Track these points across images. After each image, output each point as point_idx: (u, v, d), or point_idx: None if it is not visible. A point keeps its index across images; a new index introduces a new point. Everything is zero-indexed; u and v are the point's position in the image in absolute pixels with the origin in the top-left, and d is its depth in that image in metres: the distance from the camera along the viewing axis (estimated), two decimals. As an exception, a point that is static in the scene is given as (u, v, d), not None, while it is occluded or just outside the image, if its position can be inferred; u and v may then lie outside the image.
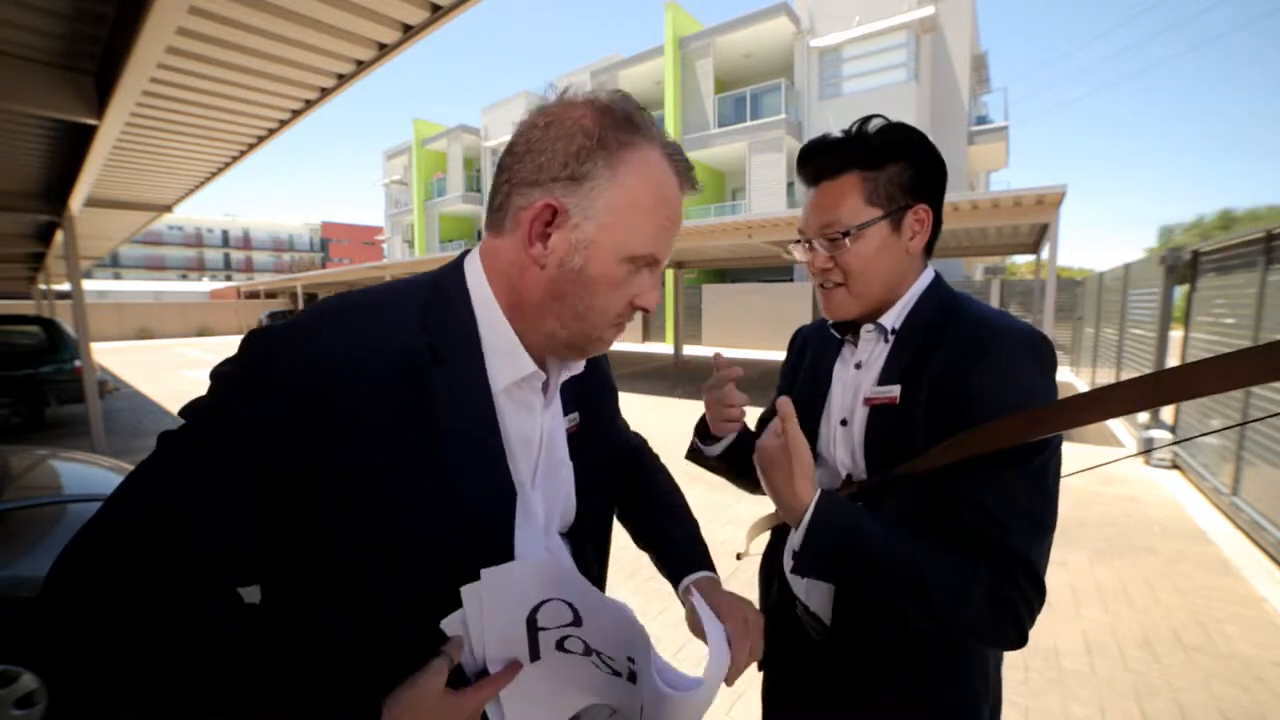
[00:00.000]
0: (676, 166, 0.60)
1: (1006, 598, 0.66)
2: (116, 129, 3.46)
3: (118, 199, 6.27)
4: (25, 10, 2.54)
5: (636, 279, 0.61)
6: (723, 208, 19.51)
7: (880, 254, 0.80)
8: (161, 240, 54.84)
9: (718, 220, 8.34)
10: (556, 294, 0.60)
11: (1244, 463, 3.79)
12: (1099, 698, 2.16)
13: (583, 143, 0.56)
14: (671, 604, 2.85)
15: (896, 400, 0.78)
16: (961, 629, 0.69)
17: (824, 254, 0.82)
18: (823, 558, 0.71)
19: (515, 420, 0.63)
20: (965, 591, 0.66)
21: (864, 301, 0.83)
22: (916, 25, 15.77)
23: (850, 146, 0.79)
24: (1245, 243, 4.01)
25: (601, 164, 0.56)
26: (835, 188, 0.80)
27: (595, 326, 0.62)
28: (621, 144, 0.57)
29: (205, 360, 16.22)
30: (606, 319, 0.62)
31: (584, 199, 0.57)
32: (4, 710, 1.76)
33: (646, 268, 0.62)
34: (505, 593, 0.55)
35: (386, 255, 36.20)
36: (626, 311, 0.63)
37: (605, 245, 0.58)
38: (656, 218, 0.59)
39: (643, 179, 0.58)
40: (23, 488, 2.25)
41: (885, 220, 0.79)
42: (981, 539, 0.69)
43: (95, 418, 5.81)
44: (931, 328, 0.80)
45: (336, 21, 2.75)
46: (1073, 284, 13.63)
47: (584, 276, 0.58)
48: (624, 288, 0.61)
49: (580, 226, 0.57)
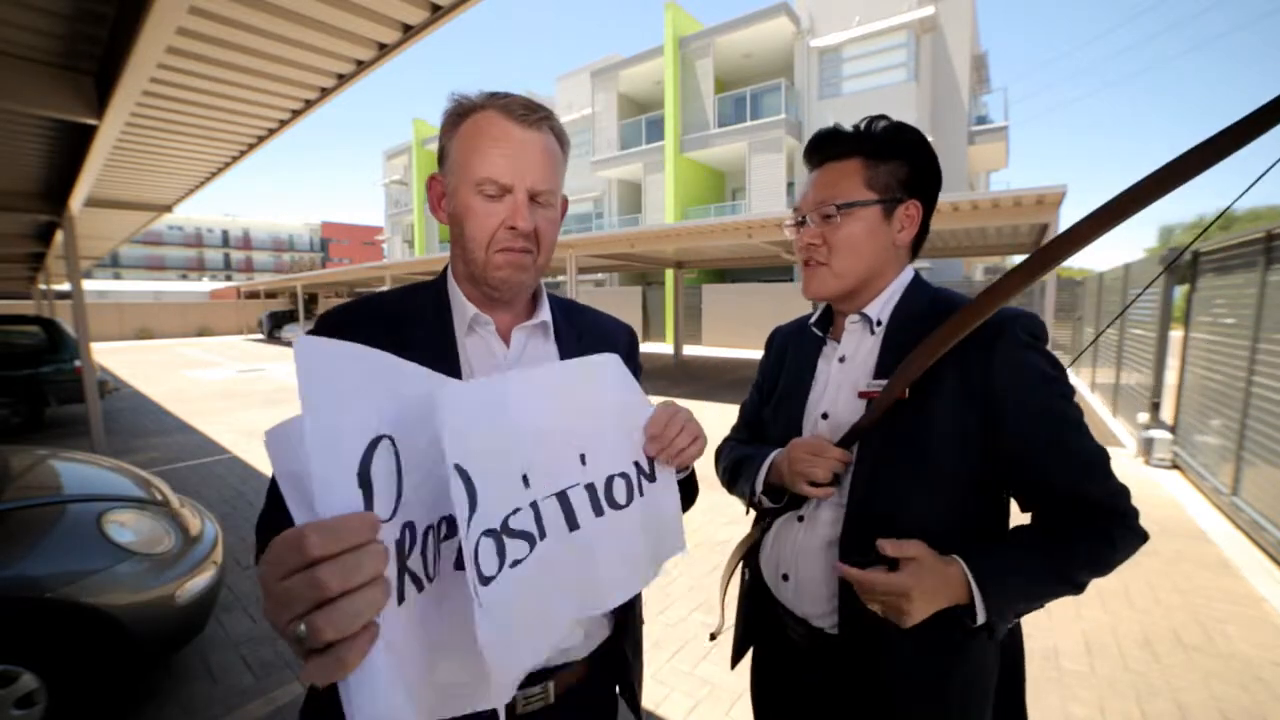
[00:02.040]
0: (502, 108, 0.72)
1: (1115, 538, 0.74)
2: (116, 129, 3.46)
3: (118, 199, 6.27)
4: (25, 10, 2.54)
5: (499, 205, 0.73)
6: (723, 208, 19.51)
7: (868, 237, 0.84)
8: (161, 240, 54.83)
9: (718, 220, 8.33)
10: (453, 239, 0.77)
11: (1244, 463, 3.79)
12: (1099, 698, 2.16)
13: (442, 131, 0.76)
14: (672, 603, 2.85)
15: (906, 395, 0.79)
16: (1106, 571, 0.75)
17: (815, 229, 0.86)
18: (1007, 611, 0.74)
19: (476, 357, 0.79)
20: (1099, 559, 0.74)
21: (844, 282, 0.86)
22: (916, 25, 15.77)
23: (858, 136, 0.85)
24: (1245, 243, 4.01)
25: (448, 136, 0.74)
26: (838, 168, 0.85)
27: (478, 254, 0.74)
28: (458, 118, 0.73)
29: (205, 360, 16.22)
30: (480, 244, 0.74)
31: (447, 163, 0.75)
32: (4, 710, 1.76)
33: (504, 194, 0.72)
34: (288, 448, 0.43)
35: (386, 255, 36.21)
36: (502, 235, 0.73)
37: (459, 185, 0.73)
38: (481, 146, 0.71)
39: (470, 127, 0.72)
40: (23, 488, 2.25)
41: (879, 205, 0.84)
42: (1072, 504, 0.75)
43: (95, 418, 5.81)
44: (924, 318, 0.82)
45: (336, 21, 2.75)
46: (1073, 284, 13.63)
47: (456, 216, 0.74)
48: (488, 215, 0.72)
49: (448, 182, 0.75)
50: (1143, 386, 6.03)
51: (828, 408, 0.90)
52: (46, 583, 1.83)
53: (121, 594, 1.94)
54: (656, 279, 20.40)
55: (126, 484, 2.48)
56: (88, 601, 1.87)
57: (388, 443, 0.47)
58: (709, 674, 2.31)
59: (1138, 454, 5.48)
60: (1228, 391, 4.10)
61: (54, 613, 1.84)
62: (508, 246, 0.73)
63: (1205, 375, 4.63)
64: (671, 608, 2.82)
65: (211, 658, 2.45)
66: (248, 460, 5.69)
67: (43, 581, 1.83)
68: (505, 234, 0.73)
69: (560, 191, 0.79)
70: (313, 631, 0.38)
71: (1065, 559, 0.74)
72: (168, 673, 2.34)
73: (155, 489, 2.54)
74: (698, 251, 11.14)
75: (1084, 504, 0.75)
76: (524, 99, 0.74)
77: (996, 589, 0.72)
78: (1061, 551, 0.74)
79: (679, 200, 18.86)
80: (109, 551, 2.00)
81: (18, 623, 1.81)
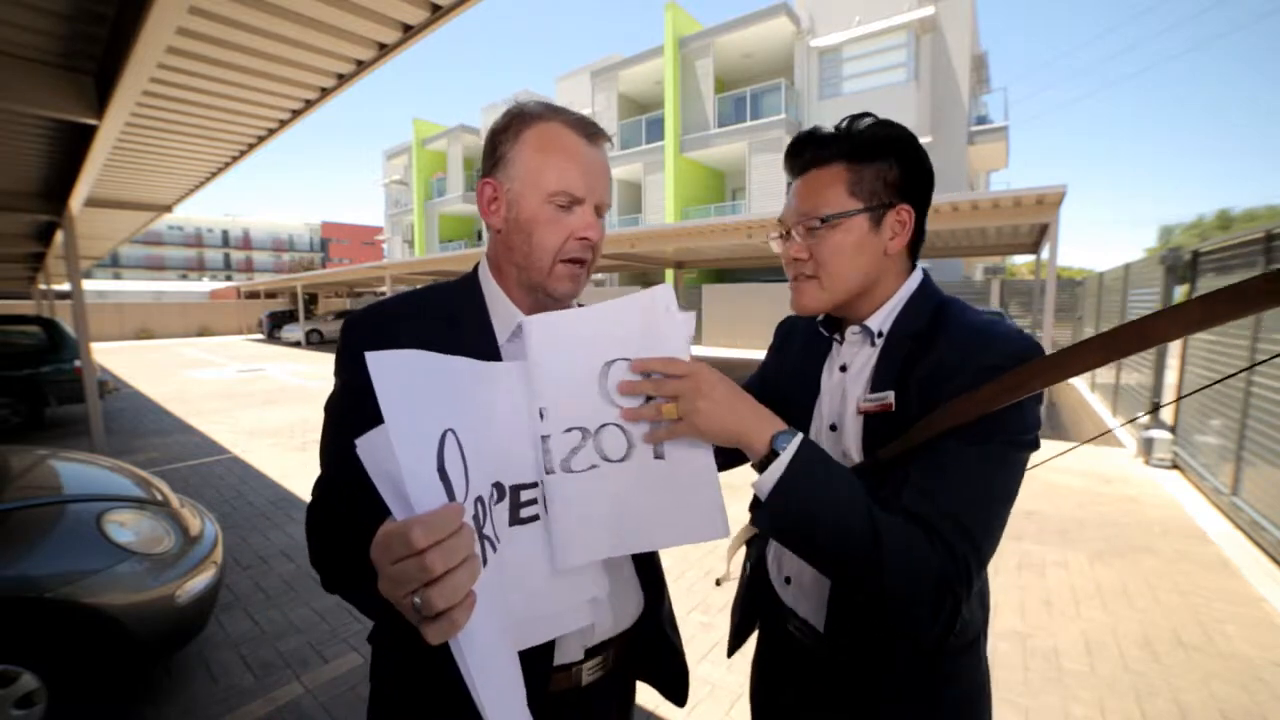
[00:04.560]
0: (571, 124, 0.75)
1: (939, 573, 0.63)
2: (116, 129, 3.46)
3: (118, 199, 6.27)
4: (25, 10, 2.54)
5: (569, 217, 0.75)
6: (723, 208, 19.50)
7: (856, 250, 0.78)
8: (161, 240, 54.81)
9: (718, 220, 8.33)
10: (509, 244, 0.77)
11: (1244, 463, 3.79)
12: (1099, 698, 2.16)
13: (498, 136, 0.76)
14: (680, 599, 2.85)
15: (892, 407, 0.76)
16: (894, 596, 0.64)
17: (799, 243, 0.81)
18: (791, 510, 0.65)
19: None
20: (914, 555, 0.63)
21: (834, 296, 0.81)
22: (916, 25, 15.77)
23: (839, 139, 0.79)
24: (1245, 243, 4.01)
25: (510, 143, 0.75)
26: (820, 177, 0.80)
27: (542, 262, 0.75)
28: (522, 126, 0.75)
29: (205, 360, 16.21)
30: (549, 253, 0.75)
31: (507, 170, 0.75)
32: (4, 710, 1.76)
33: (574, 205, 0.75)
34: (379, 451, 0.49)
35: (386, 255, 36.20)
36: (572, 246, 0.75)
37: (527, 193, 0.74)
38: (558, 160, 0.73)
39: (540, 138, 0.74)
40: (23, 488, 2.25)
41: (865, 214, 0.78)
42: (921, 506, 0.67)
43: (95, 418, 5.82)
44: (921, 337, 0.78)
45: (336, 21, 2.75)
46: (1073, 284, 13.63)
47: (520, 222, 0.75)
48: (558, 224, 0.74)
49: (510, 189, 0.75)
50: (1143, 386, 6.03)
51: (834, 420, 0.86)
52: (46, 583, 1.83)
53: (121, 594, 1.94)
54: (656, 279, 20.40)
55: (126, 484, 2.48)
56: (88, 601, 1.87)
57: (451, 435, 0.55)
58: (709, 674, 2.31)
59: (1138, 454, 5.48)
60: (1228, 391, 4.10)
61: (54, 613, 1.84)
62: (576, 258, 0.76)
63: (1205, 375, 4.63)
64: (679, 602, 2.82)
65: (211, 658, 2.45)
66: (248, 460, 5.68)
67: (43, 581, 1.83)
68: (575, 244, 0.75)
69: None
70: (426, 604, 0.47)
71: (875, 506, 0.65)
72: (168, 673, 2.34)
73: (155, 489, 2.54)
74: (698, 251, 11.14)
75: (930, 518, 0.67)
76: (586, 117, 0.77)
77: (805, 464, 0.65)
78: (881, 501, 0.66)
79: (679, 200, 18.85)
80: (109, 551, 2.00)
81: (18, 623, 1.81)
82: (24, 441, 6.21)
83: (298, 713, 2.12)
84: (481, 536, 0.57)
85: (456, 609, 0.48)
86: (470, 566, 0.50)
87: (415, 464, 0.49)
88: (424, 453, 0.51)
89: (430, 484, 0.50)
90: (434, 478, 0.51)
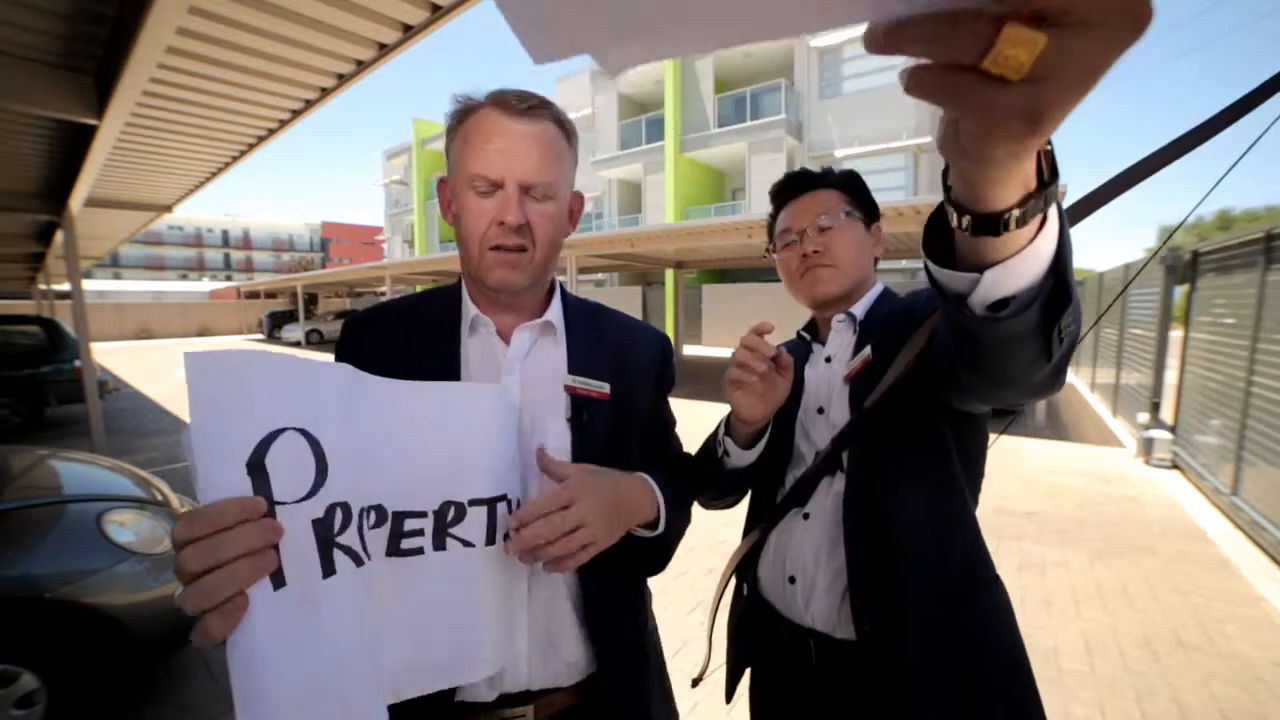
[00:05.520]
0: (497, 102, 0.72)
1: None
2: (116, 129, 3.46)
3: (118, 199, 6.28)
4: (25, 10, 2.55)
5: (490, 201, 0.72)
6: (723, 208, 19.50)
7: (860, 246, 0.96)
8: (161, 240, 54.82)
9: (718, 220, 8.33)
10: (457, 240, 0.77)
11: (1244, 463, 3.79)
12: (1099, 698, 2.16)
13: (448, 133, 0.76)
14: (672, 603, 2.85)
15: (870, 358, 0.87)
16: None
17: (815, 238, 0.94)
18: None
19: (476, 357, 0.79)
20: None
21: (850, 279, 0.95)
22: (916, 25, 15.75)
23: (827, 176, 0.99)
24: (1245, 243, 4.01)
25: (451, 139, 0.75)
26: (822, 195, 0.97)
27: (473, 253, 0.74)
28: (461, 121, 0.73)
29: (205, 360, 16.17)
30: (475, 243, 0.73)
31: (451, 167, 0.76)
32: (4, 710, 1.76)
33: (495, 190, 0.71)
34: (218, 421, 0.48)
35: (386, 255, 36.20)
36: (494, 233, 0.72)
37: (457, 185, 0.74)
38: (474, 144, 0.71)
39: (469, 127, 0.72)
40: (23, 488, 2.25)
41: (862, 223, 0.97)
42: None
43: (95, 418, 5.82)
44: (895, 313, 0.91)
45: (336, 21, 2.75)
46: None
47: (456, 216, 0.75)
48: (479, 212, 0.72)
49: (452, 185, 0.76)
50: (1143, 386, 6.03)
51: (822, 403, 0.95)
52: (46, 583, 1.83)
53: (121, 594, 1.94)
54: (656, 279, 20.39)
55: (126, 484, 2.48)
56: (88, 601, 1.87)
57: (294, 434, 0.51)
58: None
59: (1138, 454, 5.48)
60: (1228, 391, 4.10)
61: (54, 613, 1.84)
62: (499, 244, 0.72)
63: (1205, 375, 4.63)
64: (671, 607, 2.82)
65: (211, 658, 2.45)
66: (248, 460, 5.68)
67: (43, 581, 1.83)
68: (496, 231, 0.71)
69: (563, 184, 0.75)
70: (181, 604, 0.43)
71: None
72: (168, 673, 2.34)
73: (155, 489, 2.54)
74: (698, 251, 11.14)
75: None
76: (521, 91, 0.73)
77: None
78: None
79: (679, 200, 18.85)
80: (109, 551, 2.00)
81: (18, 623, 1.81)
82: (24, 441, 6.21)
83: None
84: (332, 543, 0.53)
85: (211, 613, 0.43)
86: (239, 568, 0.45)
87: (209, 459, 0.47)
88: (229, 448, 0.48)
89: (229, 479, 0.47)
90: (238, 472, 0.48)
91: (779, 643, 0.94)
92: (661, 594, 2.93)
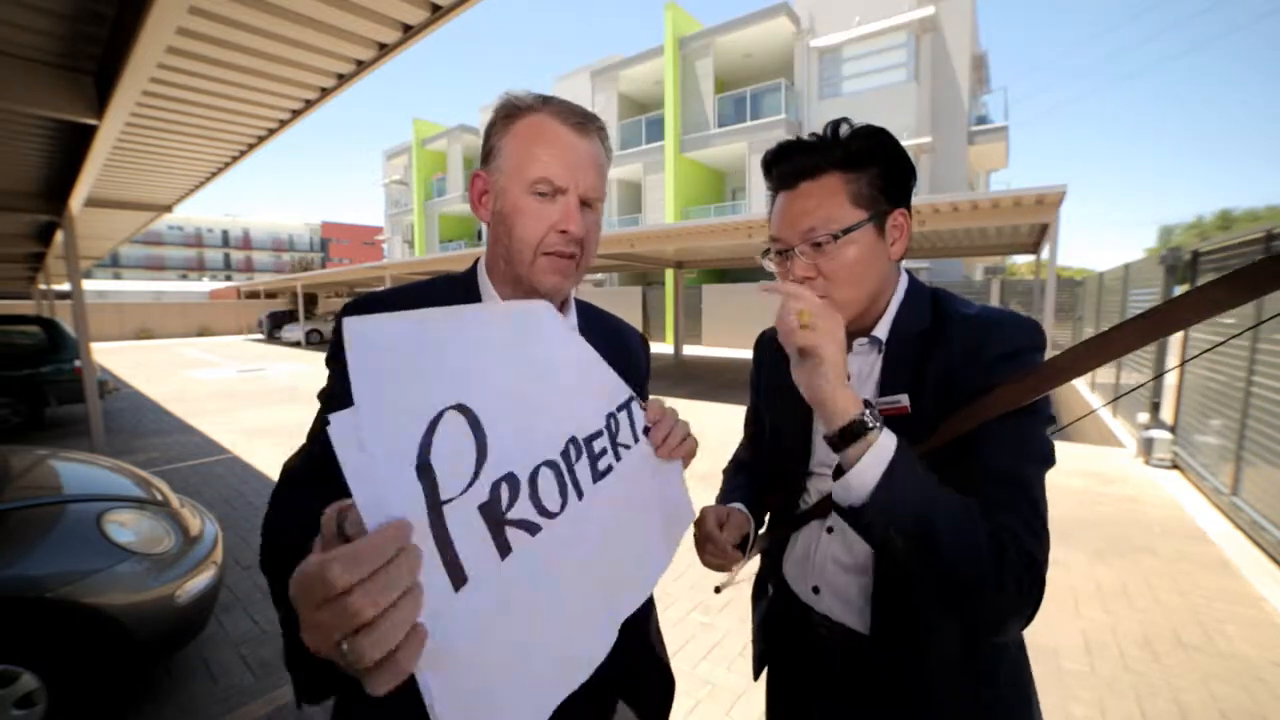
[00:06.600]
0: (559, 113, 0.73)
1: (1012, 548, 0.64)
2: (116, 129, 3.46)
3: (118, 199, 6.28)
4: (25, 10, 2.54)
5: (550, 207, 0.72)
6: (723, 208, 19.50)
7: (867, 262, 0.76)
8: (161, 240, 54.79)
9: (718, 220, 8.33)
10: (495, 238, 0.77)
11: (1244, 463, 3.79)
12: (1099, 698, 2.16)
13: (491, 128, 0.76)
14: (673, 603, 2.85)
15: (908, 410, 0.76)
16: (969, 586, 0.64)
17: (806, 261, 0.76)
18: (896, 510, 0.64)
19: None
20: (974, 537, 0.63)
21: (849, 313, 0.77)
22: (916, 25, 15.76)
23: (829, 146, 0.76)
24: (1245, 243, 4.01)
25: (499, 136, 0.74)
26: (816, 190, 0.76)
27: (525, 255, 0.73)
28: (510, 118, 0.74)
29: (205, 360, 16.21)
30: (529, 246, 0.73)
31: (496, 163, 0.75)
32: (4, 710, 1.76)
33: (556, 194, 0.72)
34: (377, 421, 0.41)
35: (386, 255, 36.19)
36: (553, 239, 0.73)
37: (510, 184, 0.73)
38: (541, 149, 0.72)
39: (525, 129, 0.73)
40: (23, 488, 2.25)
41: (871, 224, 0.75)
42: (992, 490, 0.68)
43: (95, 418, 5.82)
44: (925, 336, 0.78)
45: (336, 21, 2.75)
46: (1073, 284, 13.63)
47: (504, 214, 0.74)
48: (538, 216, 0.72)
49: (496, 180, 0.75)
50: (1142, 387, 6.03)
51: None
52: (46, 583, 1.83)
53: (121, 594, 1.94)
54: (656, 279, 20.40)
55: (126, 484, 2.48)
56: (88, 601, 1.87)
57: (453, 414, 0.46)
58: (709, 674, 2.31)
59: (1138, 454, 5.48)
60: (1227, 391, 4.10)
61: (54, 613, 1.84)
62: (556, 251, 0.73)
63: (1205, 375, 4.63)
64: (672, 607, 2.82)
65: (211, 658, 2.45)
66: (248, 460, 5.68)
67: (43, 581, 1.83)
68: (555, 238, 0.72)
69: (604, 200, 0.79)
70: (357, 655, 0.37)
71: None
72: (168, 673, 2.34)
73: (155, 489, 2.54)
74: (698, 251, 11.14)
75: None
76: (578, 106, 0.75)
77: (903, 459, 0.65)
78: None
79: (679, 200, 18.85)
80: (109, 551, 2.00)
81: (18, 623, 1.81)
82: (24, 441, 6.21)
83: (297, 713, 2.12)
84: (504, 521, 0.49)
85: (400, 651, 0.39)
86: (411, 600, 0.40)
87: (383, 468, 0.40)
88: (402, 450, 0.42)
89: (399, 490, 0.41)
90: (408, 479, 0.42)
91: (803, 636, 0.92)
92: (663, 594, 2.93)
